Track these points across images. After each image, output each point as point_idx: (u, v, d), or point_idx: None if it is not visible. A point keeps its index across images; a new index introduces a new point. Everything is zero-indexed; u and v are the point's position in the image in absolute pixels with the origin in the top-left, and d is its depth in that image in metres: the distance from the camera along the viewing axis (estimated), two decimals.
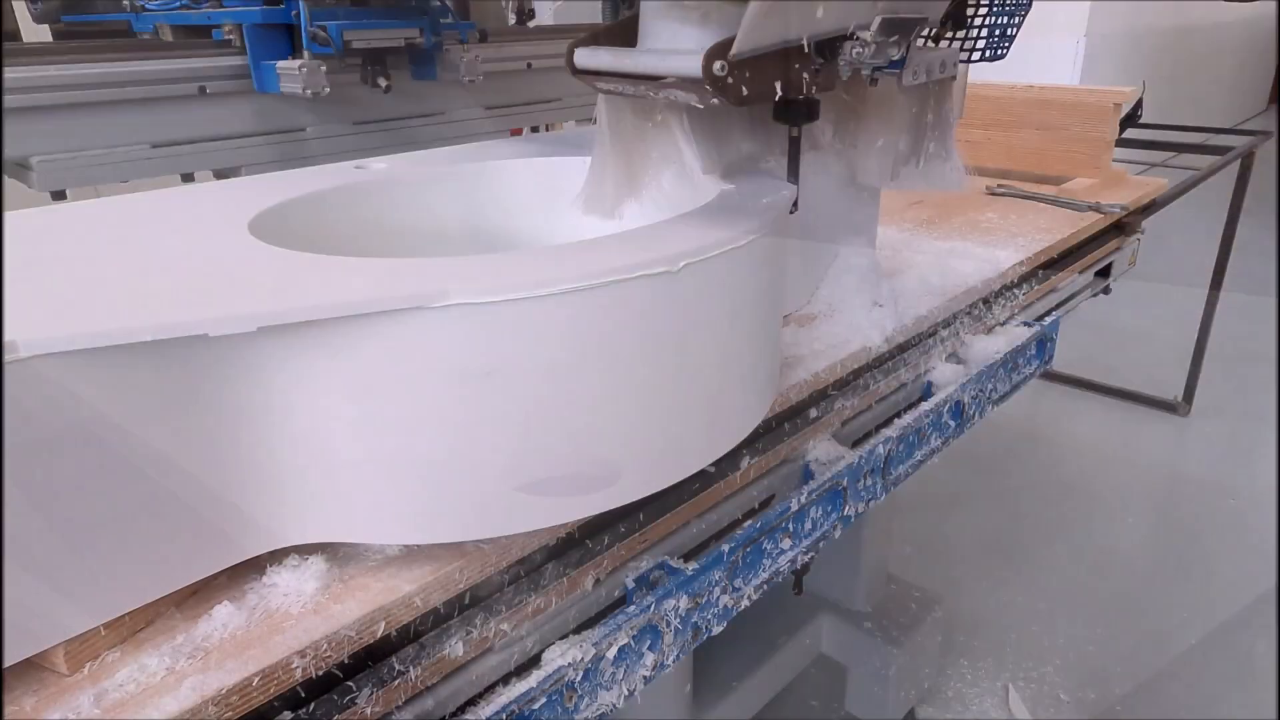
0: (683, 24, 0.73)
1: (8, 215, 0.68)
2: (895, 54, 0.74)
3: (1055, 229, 1.35)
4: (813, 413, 0.85)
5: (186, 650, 0.49)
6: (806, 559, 0.81)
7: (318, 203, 0.79)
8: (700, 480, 0.72)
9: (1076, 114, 1.68)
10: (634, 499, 0.61)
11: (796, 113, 0.76)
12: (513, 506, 0.56)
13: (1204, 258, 2.61)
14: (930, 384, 1.00)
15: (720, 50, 0.65)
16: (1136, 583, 1.92)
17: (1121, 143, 1.83)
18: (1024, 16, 1.01)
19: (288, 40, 1.65)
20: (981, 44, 0.99)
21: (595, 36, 0.79)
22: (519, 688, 0.56)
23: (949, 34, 0.98)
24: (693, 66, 0.65)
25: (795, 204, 0.78)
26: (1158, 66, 5.09)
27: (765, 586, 0.75)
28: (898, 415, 0.93)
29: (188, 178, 1.78)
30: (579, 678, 0.59)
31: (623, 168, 0.82)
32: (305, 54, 1.61)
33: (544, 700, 0.57)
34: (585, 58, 0.77)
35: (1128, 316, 3.27)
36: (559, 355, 0.53)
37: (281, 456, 0.52)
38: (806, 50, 0.70)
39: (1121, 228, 1.52)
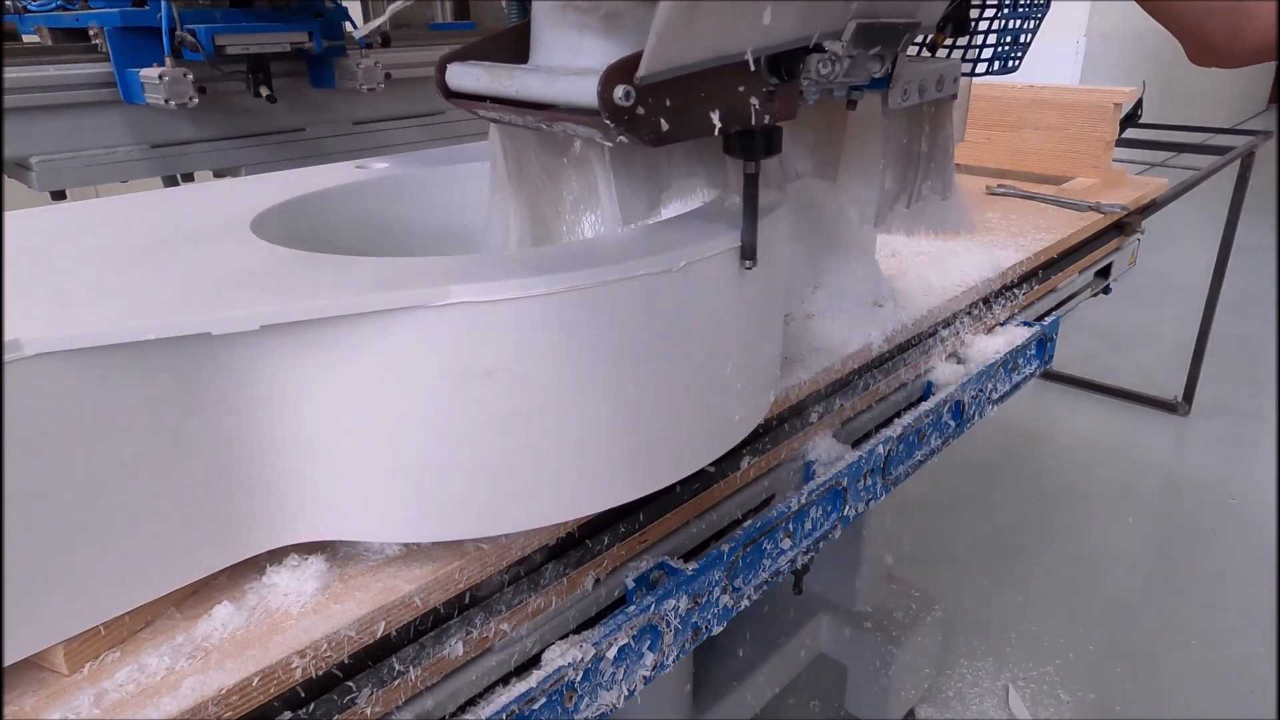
0: (581, 32, 0.56)
1: (8, 215, 0.68)
2: (877, 70, 0.59)
3: (1055, 229, 1.35)
4: (813, 412, 0.85)
5: (186, 650, 0.49)
6: (806, 559, 0.81)
7: (319, 202, 0.79)
8: (700, 480, 0.72)
9: (1077, 114, 1.68)
10: (634, 498, 0.61)
11: (753, 145, 0.57)
12: (513, 505, 0.56)
13: (1204, 258, 2.61)
14: (930, 384, 1.00)
15: (624, 71, 0.47)
16: (1136, 583, 1.92)
17: (1122, 143, 1.83)
18: (1041, 20, 0.84)
19: (158, 45, 1.48)
20: (989, 53, 0.83)
21: (477, 47, 0.61)
22: (519, 688, 0.56)
23: (949, 42, 0.82)
24: (587, 93, 0.48)
25: (753, 255, 0.59)
26: (1158, 66, 5.09)
27: (765, 586, 0.75)
28: (898, 415, 0.93)
29: (188, 178, 1.77)
30: (579, 678, 0.59)
31: (528, 215, 0.66)
32: (168, 60, 1.46)
33: (544, 700, 0.57)
34: (459, 77, 0.59)
35: (1128, 316, 3.27)
36: (560, 354, 0.53)
37: (282, 455, 0.52)
38: (753, 68, 0.53)
39: (1121, 227, 1.52)
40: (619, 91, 0.47)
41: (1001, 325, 1.14)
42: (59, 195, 1.55)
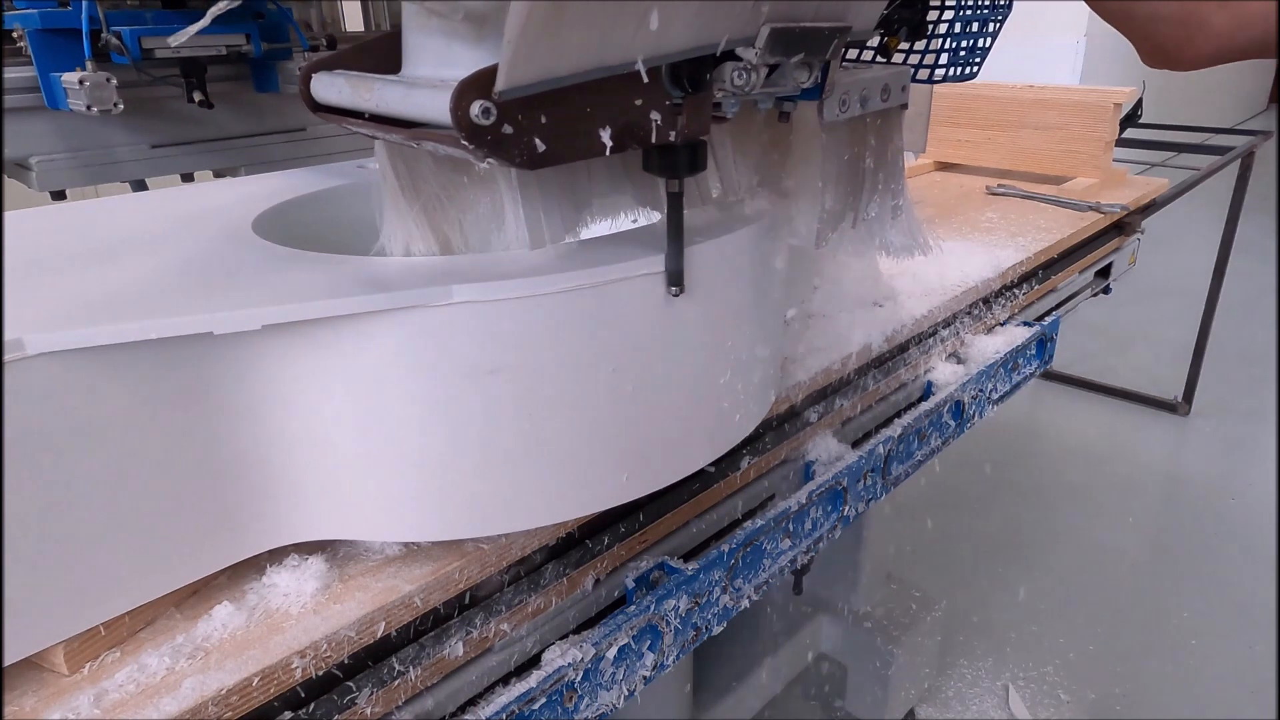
0: (449, 39, 0.50)
1: (10, 214, 0.68)
2: (806, 79, 0.54)
3: (1055, 229, 1.35)
4: (813, 412, 0.85)
5: (186, 650, 0.49)
6: (806, 559, 0.81)
7: (320, 201, 0.79)
8: (700, 480, 0.72)
9: (1077, 114, 1.68)
10: (634, 497, 0.61)
11: (675, 161, 0.52)
12: (513, 505, 0.56)
13: (1204, 257, 2.61)
14: (930, 384, 1.00)
15: (482, 84, 0.42)
16: (1136, 582, 1.92)
17: (1122, 142, 1.84)
18: (1001, 23, 0.79)
19: (84, 49, 1.39)
20: (946, 58, 0.77)
21: (348, 55, 0.56)
22: (519, 688, 0.56)
23: (905, 46, 0.76)
24: (443, 109, 0.42)
25: (680, 281, 0.54)
26: None
27: (765, 586, 0.75)
28: (898, 415, 0.93)
29: (188, 178, 1.77)
30: (579, 678, 0.59)
31: (428, 237, 0.60)
32: (90, 64, 1.35)
33: (544, 700, 0.57)
34: (323, 88, 0.54)
35: (1128, 316, 3.27)
36: (561, 354, 0.53)
37: (283, 454, 0.52)
38: (647, 80, 0.47)
39: (1121, 227, 1.52)
40: (476, 108, 0.42)
41: (1001, 325, 1.14)
42: (59, 195, 1.55)
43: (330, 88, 0.54)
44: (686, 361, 0.59)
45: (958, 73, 0.78)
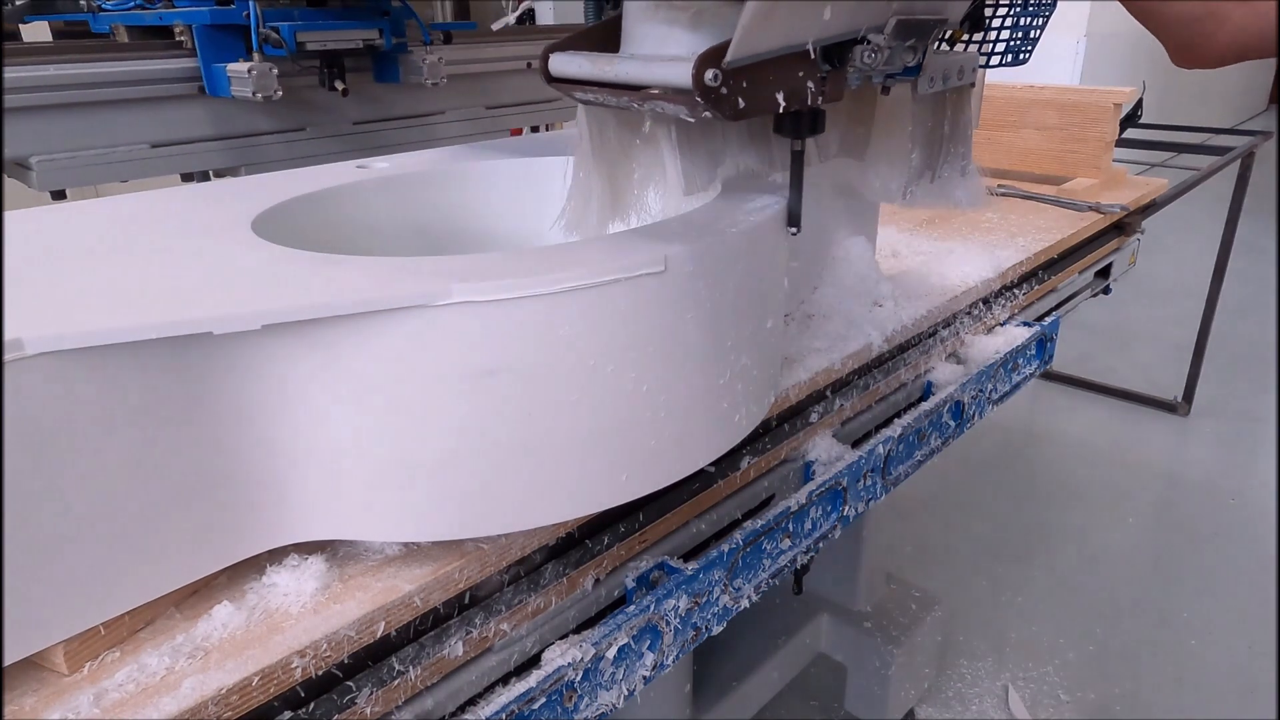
0: (671, 26, 0.65)
1: (10, 214, 0.68)
2: (910, 60, 0.67)
3: (1055, 229, 1.35)
4: (813, 412, 0.85)
5: (186, 650, 0.49)
6: (806, 559, 0.81)
7: (320, 201, 0.79)
8: (700, 480, 0.72)
9: (1077, 114, 1.68)
10: (634, 497, 0.61)
11: (801, 124, 0.66)
12: (513, 504, 0.56)
13: (1204, 258, 2.61)
14: (930, 384, 1.00)
15: (713, 57, 0.56)
16: (1136, 583, 1.92)
17: (1121, 143, 1.84)
18: (1049, 16, 0.94)
19: (240, 42, 1.59)
20: (1002, 47, 0.92)
21: (573, 40, 0.70)
22: (519, 688, 0.56)
23: (966, 37, 0.90)
24: (682, 75, 0.56)
25: (798, 223, 0.69)
26: (1158, 67, 5.08)
27: (765, 586, 0.75)
28: (898, 415, 0.93)
29: (187, 178, 1.77)
30: (579, 678, 0.59)
31: (607, 186, 0.75)
32: (256, 56, 1.54)
33: (544, 700, 0.57)
34: (561, 64, 0.68)
35: (1128, 317, 3.27)
36: (561, 353, 0.53)
37: (283, 454, 0.52)
38: (813, 56, 0.61)
39: (1121, 228, 1.52)
40: (709, 74, 0.56)
41: (1001, 325, 1.14)
42: (59, 195, 1.55)
43: (570, 63, 0.67)
44: (685, 361, 0.59)
45: (1013, 59, 0.93)
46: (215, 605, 0.52)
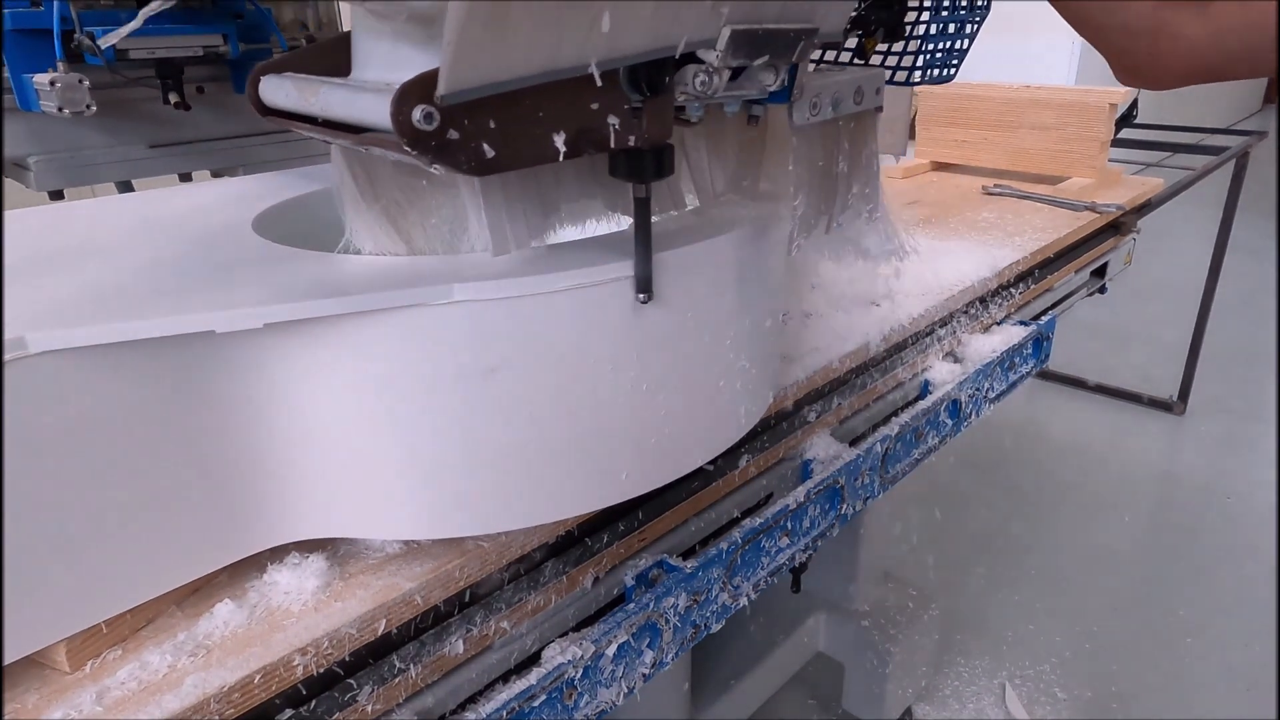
0: (397, 41, 0.49)
1: (10, 214, 0.69)
2: (771, 82, 0.53)
3: (1051, 228, 1.36)
4: (811, 411, 0.85)
5: (188, 648, 0.50)
6: (805, 557, 0.81)
7: (320, 201, 0.79)
8: (699, 478, 0.73)
9: (1072, 114, 1.69)
10: (634, 495, 0.61)
11: (643, 166, 0.50)
12: (513, 503, 0.56)
13: (1199, 257, 2.62)
14: (928, 383, 1.01)
15: (424, 88, 0.40)
16: (1132, 581, 1.92)
17: (1117, 143, 1.84)
18: (979, 25, 0.76)
19: (55, 50, 1.33)
20: (920, 60, 0.75)
21: (296, 57, 0.55)
22: (519, 685, 0.56)
23: (883, 48, 0.74)
24: (382, 114, 0.41)
25: (648, 288, 0.53)
26: None
27: (764, 584, 0.76)
28: (895, 414, 0.94)
29: (185, 177, 1.77)
30: (578, 675, 0.59)
31: (395, 236, 0.59)
32: (62, 65, 1.31)
33: (544, 698, 0.57)
34: (270, 90, 0.53)
35: (1124, 316, 3.28)
36: (561, 352, 0.53)
37: (284, 452, 0.52)
38: (606, 83, 0.46)
39: (1117, 227, 1.53)
40: (418, 114, 0.40)
41: (998, 324, 1.15)
42: (57, 195, 1.55)
43: (278, 90, 0.52)
44: (685, 360, 0.59)
45: (935, 75, 0.76)
46: (217, 603, 0.52)
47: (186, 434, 0.49)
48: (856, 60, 0.77)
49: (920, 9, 0.72)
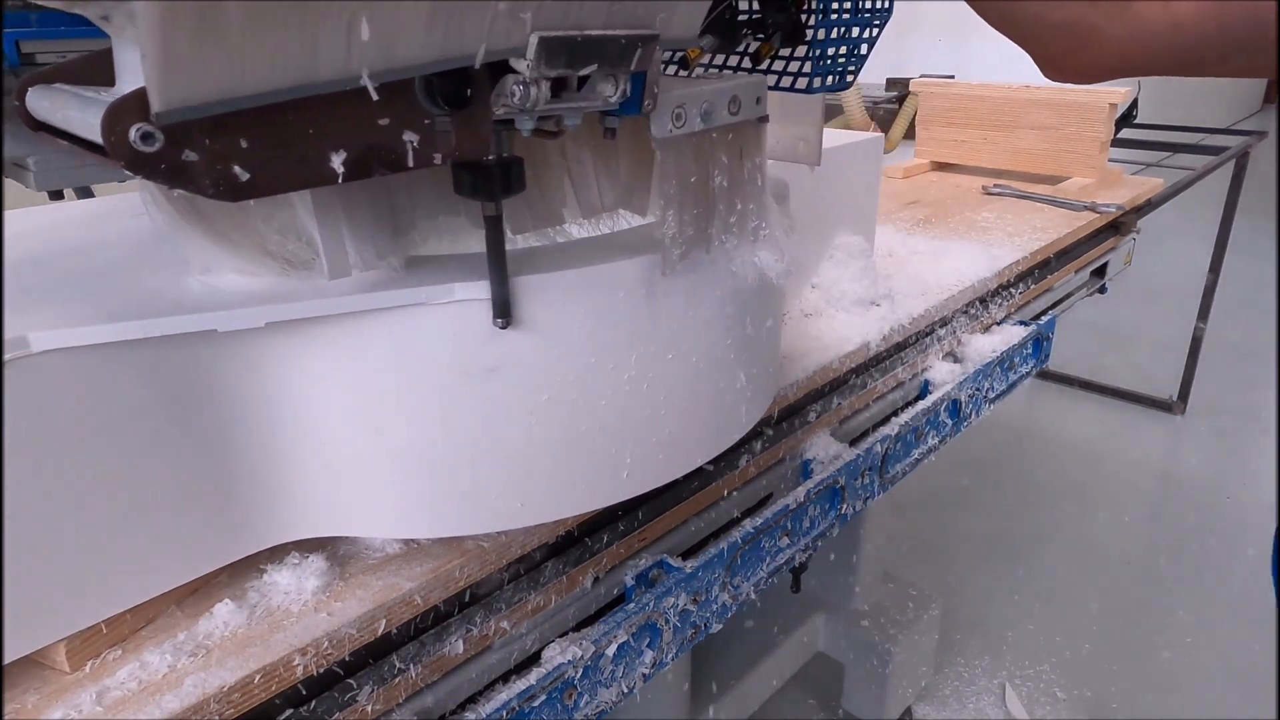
0: (135, 45, 0.43)
1: (10, 213, 0.69)
2: (612, 93, 0.48)
3: (1051, 228, 1.36)
4: (811, 411, 0.85)
5: (188, 648, 0.50)
6: (805, 557, 0.81)
7: None
8: (699, 478, 0.73)
9: (1072, 114, 1.69)
10: (635, 494, 0.61)
11: (491, 182, 0.47)
12: (513, 501, 0.56)
13: (1199, 257, 2.62)
14: (928, 383, 1.01)
15: (142, 105, 0.35)
16: (1132, 581, 1.92)
17: (1117, 143, 1.84)
18: (881, 28, 0.70)
19: None
20: (809, 67, 0.69)
21: (75, 65, 0.49)
22: (519, 685, 0.56)
23: (780, 53, 0.69)
24: (94, 130, 0.36)
25: (506, 312, 0.50)
26: None
27: (764, 584, 0.76)
28: (895, 414, 0.94)
29: None
30: (578, 675, 0.59)
31: (226, 255, 0.52)
32: None
33: (544, 698, 0.57)
34: (35, 102, 0.47)
35: (1123, 316, 3.28)
36: (561, 351, 0.53)
37: (285, 451, 0.52)
38: (405, 94, 0.41)
39: (1117, 227, 1.53)
40: (134, 133, 0.35)
41: (998, 324, 1.15)
42: (57, 195, 1.54)
43: (40, 102, 0.46)
44: (685, 359, 0.59)
45: (833, 82, 0.70)
46: (217, 603, 0.52)
47: (188, 432, 0.49)
48: (747, 67, 0.72)
49: (813, 12, 0.67)
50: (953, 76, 2.04)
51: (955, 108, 1.83)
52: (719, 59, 0.73)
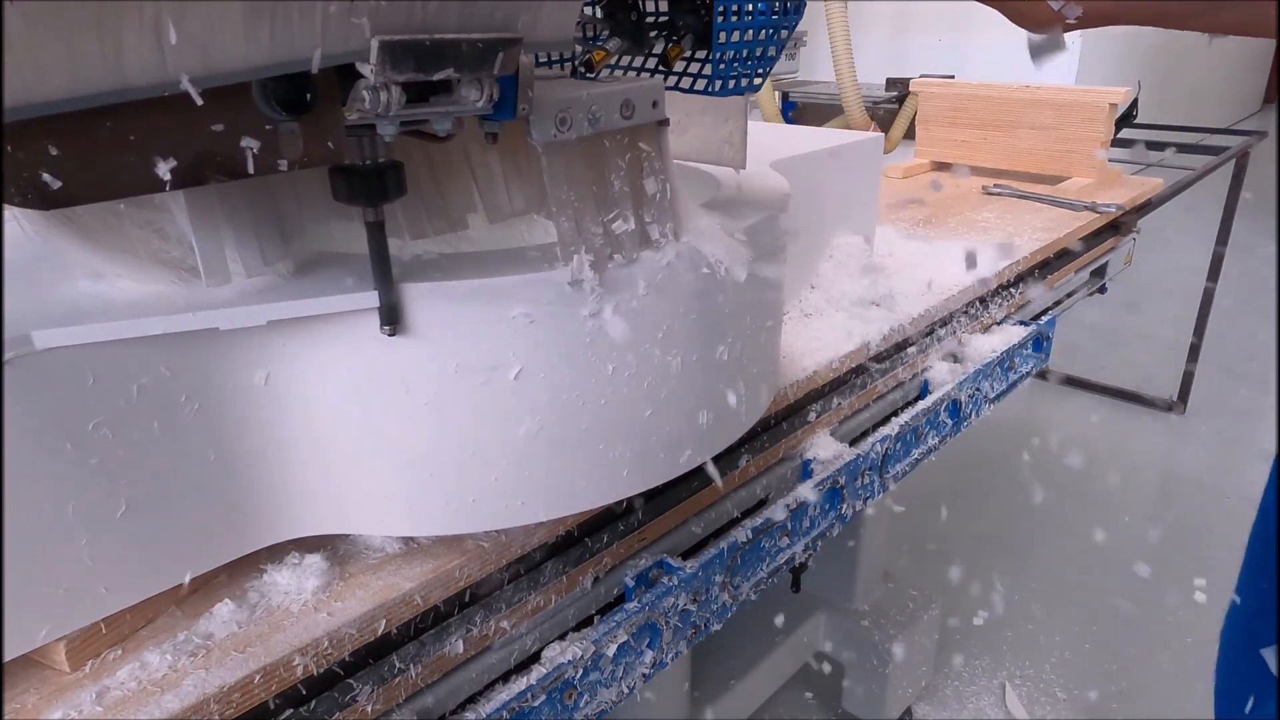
0: None
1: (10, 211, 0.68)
2: (477, 97, 0.46)
3: (1052, 228, 1.36)
4: (811, 411, 0.85)
5: (188, 648, 0.50)
6: (805, 557, 0.81)
7: None
8: (699, 478, 0.73)
9: (1072, 114, 1.69)
10: (635, 493, 0.61)
11: (370, 187, 0.46)
12: (513, 499, 0.56)
13: (1199, 257, 2.62)
14: (927, 382, 1.01)
15: None
16: (1132, 581, 1.92)
17: (1117, 142, 1.84)
18: (791, 30, 0.68)
19: None
20: (709, 69, 0.67)
21: None
22: (519, 685, 0.56)
23: (686, 54, 0.67)
24: None
25: (394, 319, 0.49)
26: (1153, 66, 5.10)
27: (764, 584, 0.76)
28: (895, 414, 0.94)
29: None
30: (578, 675, 0.59)
31: (97, 261, 0.50)
32: None
33: (544, 698, 0.57)
34: None
35: (1123, 316, 3.28)
36: (561, 350, 0.53)
37: (286, 450, 0.52)
38: (240, 98, 0.40)
39: (1117, 227, 1.53)
40: None
41: (998, 324, 1.15)
42: None
43: None
44: (685, 358, 0.59)
45: (742, 84, 0.68)
46: (217, 603, 0.52)
47: (188, 431, 0.49)
48: (661, 69, 0.69)
49: (725, 14, 0.65)
50: (952, 76, 2.04)
51: (955, 108, 1.83)
52: (630, 61, 0.70)
